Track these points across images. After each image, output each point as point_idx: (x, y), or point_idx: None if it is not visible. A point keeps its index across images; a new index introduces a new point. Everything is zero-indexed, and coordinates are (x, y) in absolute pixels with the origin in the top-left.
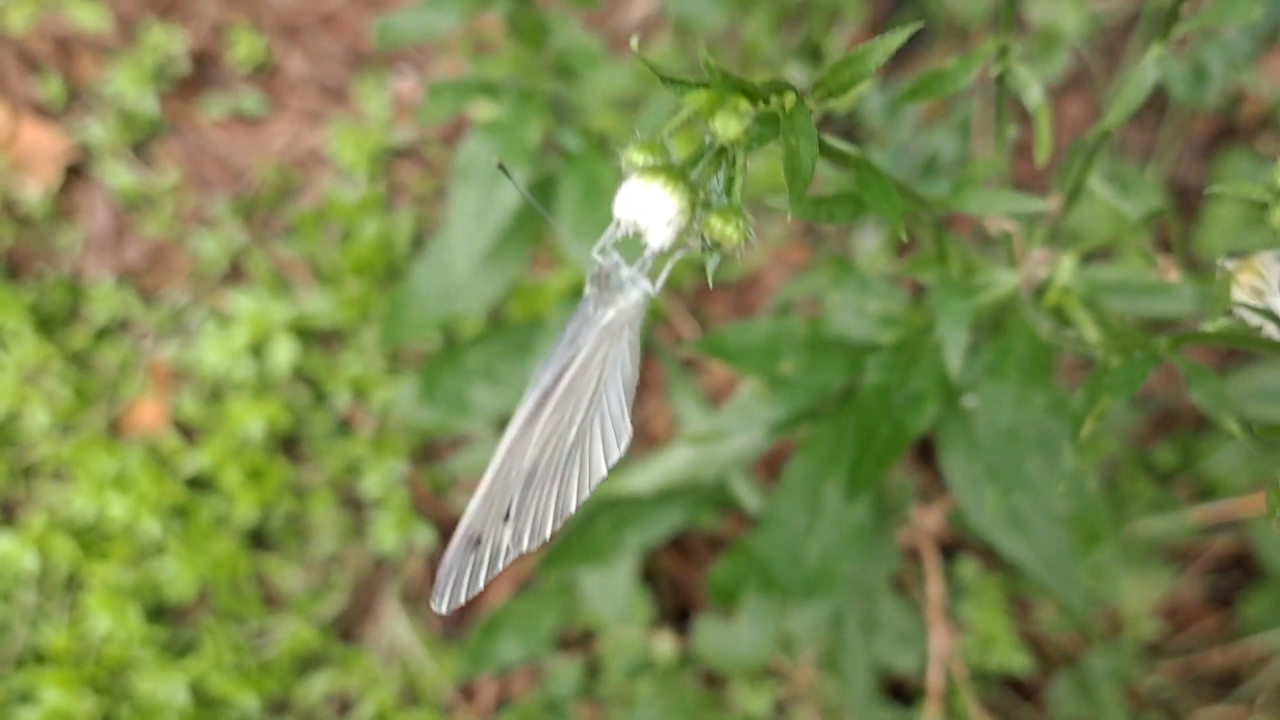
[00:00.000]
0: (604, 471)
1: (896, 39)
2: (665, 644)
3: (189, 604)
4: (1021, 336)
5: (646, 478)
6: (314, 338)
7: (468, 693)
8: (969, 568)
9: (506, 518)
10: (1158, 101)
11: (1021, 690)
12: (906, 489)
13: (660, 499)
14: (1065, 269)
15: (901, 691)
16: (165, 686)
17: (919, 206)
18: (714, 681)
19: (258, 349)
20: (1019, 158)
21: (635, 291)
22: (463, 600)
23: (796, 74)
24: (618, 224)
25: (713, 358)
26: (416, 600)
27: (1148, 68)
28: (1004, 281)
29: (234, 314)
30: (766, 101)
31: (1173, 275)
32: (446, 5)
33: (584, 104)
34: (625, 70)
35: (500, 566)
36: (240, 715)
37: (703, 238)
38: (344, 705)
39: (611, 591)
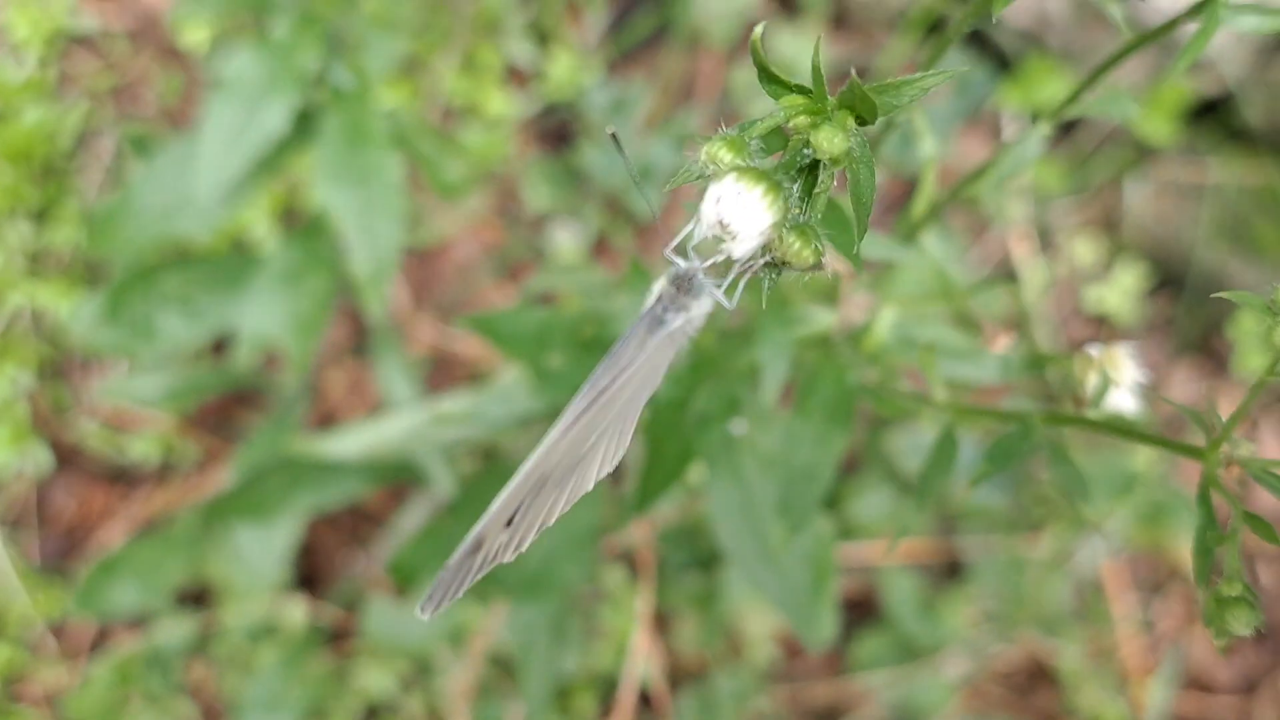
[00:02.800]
0: (590, 486)
1: (936, 79)
2: (297, 611)
3: None
4: (830, 377)
5: (343, 445)
6: None
7: (60, 634)
8: (616, 575)
9: (509, 523)
10: None
11: (648, 702)
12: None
13: (345, 465)
14: (885, 318)
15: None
16: None
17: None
18: (342, 655)
19: None
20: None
21: (708, 301)
22: (445, 605)
23: (523, 52)
24: (700, 222)
25: (482, 337)
26: (16, 525)
27: (1030, 143)
28: (821, 320)
29: None
30: (867, 122)
31: (1003, 344)
32: None
33: (362, 40)
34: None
35: (480, 574)
36: None
37: (773, 254)
38: None
39: (266, 552)
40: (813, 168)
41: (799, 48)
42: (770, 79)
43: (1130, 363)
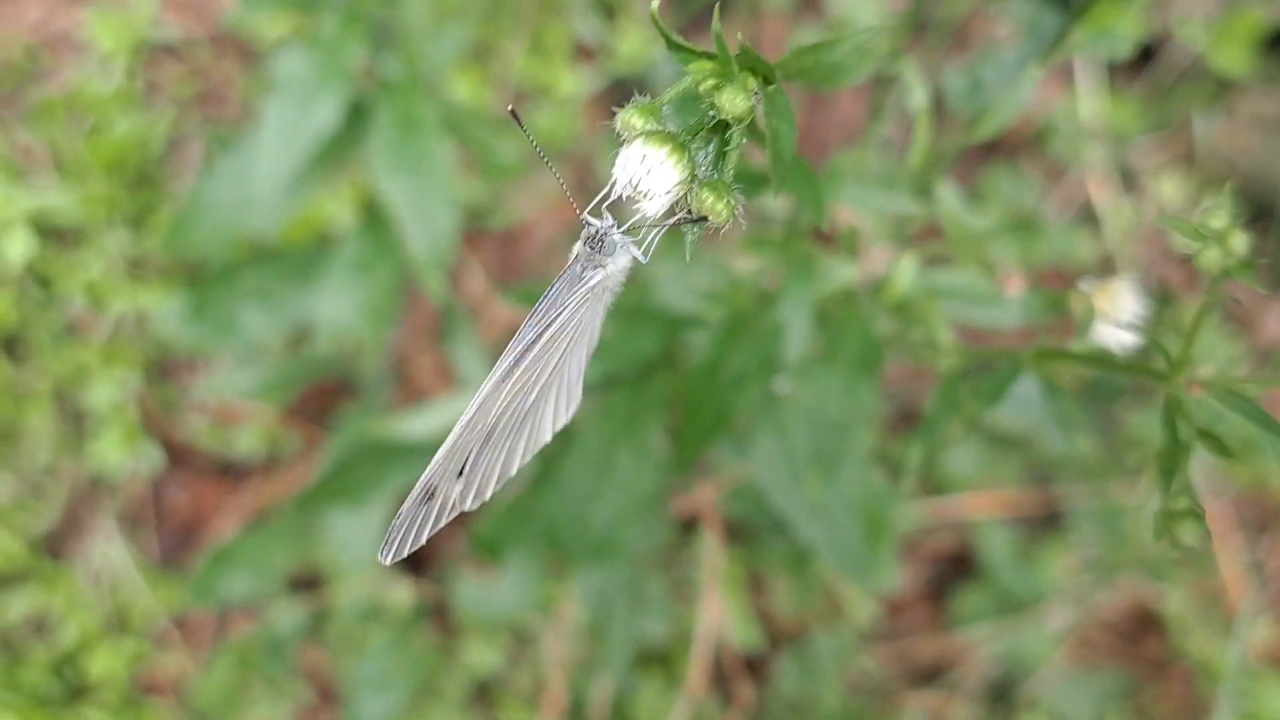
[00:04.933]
0: (548, 437)
1: (865, 36)
2: (402, 593)
3: None
4: (855, 330)
5: (422, 425)
6: (50, 233)
7: (182, 626)
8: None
9: (461, 473)
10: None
11: (748, 663)
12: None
13: (426, 445)
14: (906, 269)
15: (645, 658)
16: None
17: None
18: (448, 632)
19: None
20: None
21: (624, 257)
22: (406, 553)
23: (589, 30)
24: (614, 185)
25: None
26: (135, 523)
27: (1025, 85)
28: (844, 274)
29: None
30: (770, 82)
31: (1015, 288)
32: None
33: (409, 32)
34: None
35: (443, 522)
36: None
37: (688, 210)
38: (44, 627)
39: (361, 534)
40: (723, 127)
41: (857, 5)
42: (676, 47)
43: (1130, 297)
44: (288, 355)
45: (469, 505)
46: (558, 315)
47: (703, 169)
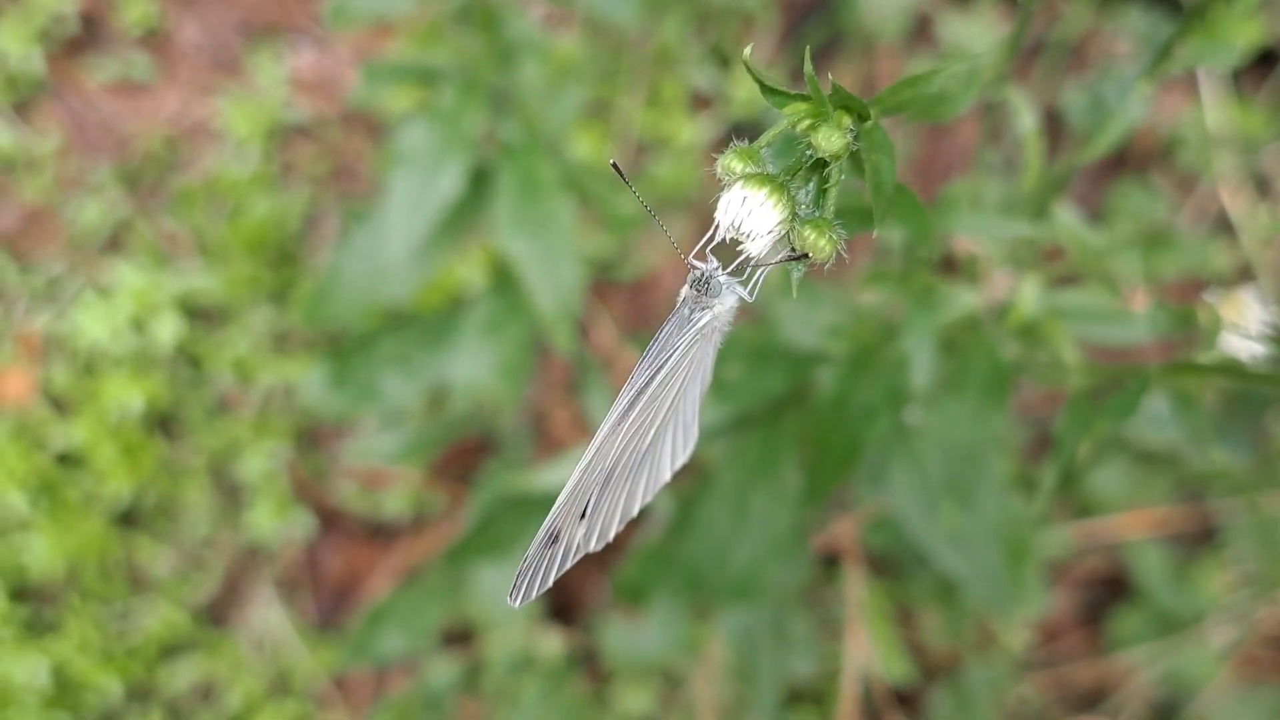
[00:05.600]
0: (668, 476)
1: (962, 66)
2: (552, 642)
3: (54, 583)
4: (982, 355)
5: (557, 476)
6: (197, 314)
7: (343, 686)
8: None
9: (583, 516)
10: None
11: (900, 697)
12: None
13: None
14: (1029, 292)
15: (796, 696)
16: (25, 667)
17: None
18: (597, 679)
19: (139, 323)
20: (925, 179)
21: (731, 297)
22: (535, 596)
23: (705, 79)
24: (717, 228)
25: None
26: (292, 588)
27: (1135, 102)
28: (966, 301)
29: (116, 286)
30: (865, 118)
31: (1140, 303)
32: None
33: (526, 97)
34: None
35: (569, 564)
36: (102, 700)
37: (792, 248)
38: (210, 694)
39: (508, 587)
40: (822, 165)
41: (971, 32)
42: (769, 91)
43: (1256, 305)
44: (428, 417)
45: (593, 547)
46: (669, 357)
47: (804, 207)
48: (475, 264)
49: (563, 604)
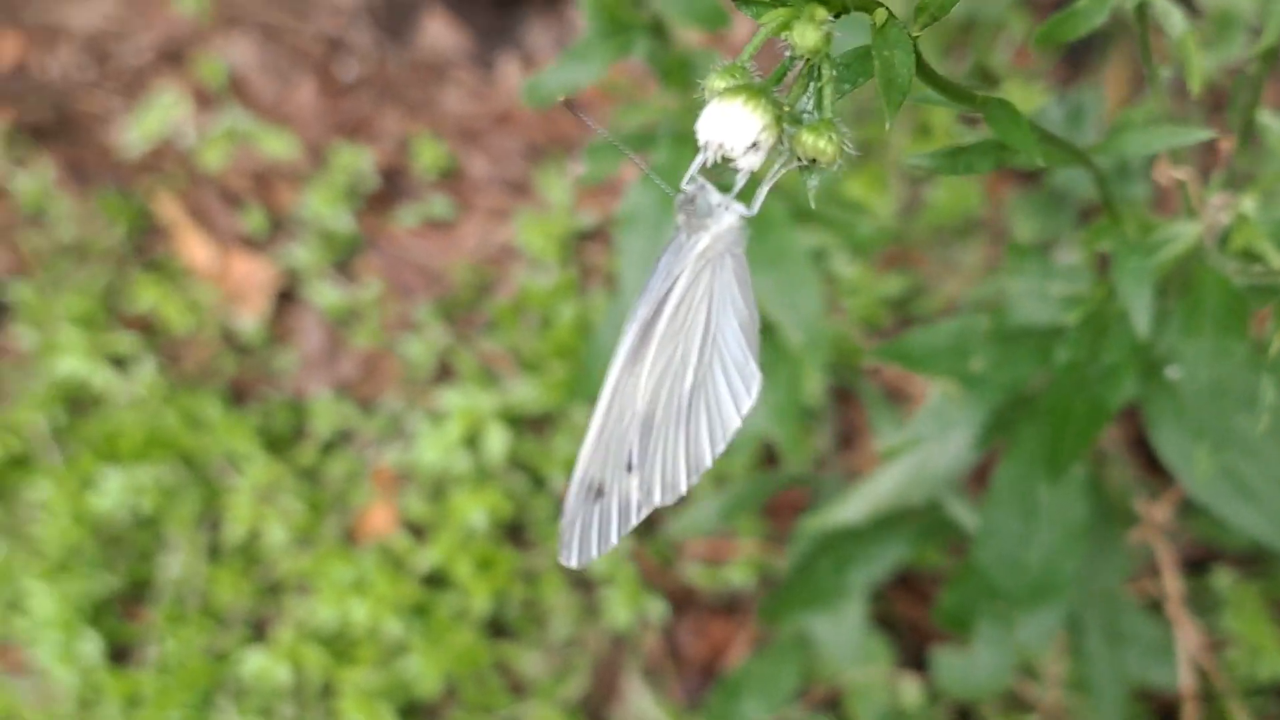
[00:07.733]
0: (737, 421)
1: None
2: (911, 688)
3: (437, 699)
4: (1212, 287)
5: (855, 506)
6: (524, 424)
7: None
8: (1224, 578)
9: (630, 467)
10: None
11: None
12: (1128, 483)
13: (878, 532)
14: (1249, 209)
15: (1169, 712)
16: None
17: (1073, 158)
18: (965, 716)
19: (472, 441)
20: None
21: (729, 215)
22: (594, 554)
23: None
24: (702, 150)
25: (894, 364)
26: (658, 674)
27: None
28: (1186, 233)
29: (445, 411)
30: (846, 10)
31: None
32: (589, 56)
33: None
34: None
35: (634, 520)
36: None
37: (798, 158)
38: None
39: (843, 636)
40: (808, 68)
41: None
42: (743, 3)
43: None
44: (744, 478)
45: (659, 499)
46: (671, 288)
47: (808, 115)
48: None
49: (918, 647)
